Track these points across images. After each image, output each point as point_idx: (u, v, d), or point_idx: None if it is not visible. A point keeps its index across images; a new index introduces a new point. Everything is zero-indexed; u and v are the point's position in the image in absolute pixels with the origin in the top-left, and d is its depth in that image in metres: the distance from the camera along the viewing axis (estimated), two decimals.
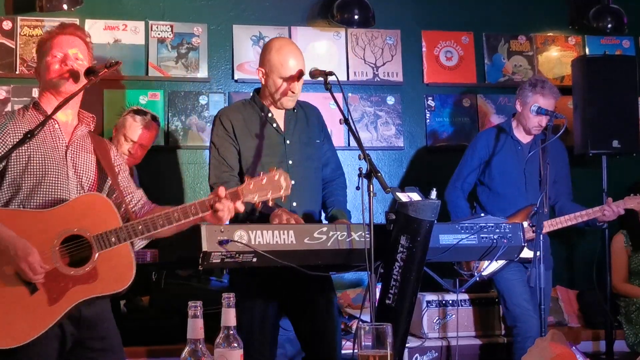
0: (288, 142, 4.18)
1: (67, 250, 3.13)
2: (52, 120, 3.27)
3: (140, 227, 3.13)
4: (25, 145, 3.16)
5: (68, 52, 3.33)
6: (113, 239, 3.11)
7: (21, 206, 3.19)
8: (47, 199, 3.20)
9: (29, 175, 3.20)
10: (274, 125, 4.18)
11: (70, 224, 3.11)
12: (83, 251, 3.13)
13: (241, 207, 3.21)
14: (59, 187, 3.22)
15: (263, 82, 4.20)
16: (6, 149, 3.16)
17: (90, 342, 3.25)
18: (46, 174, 3.21)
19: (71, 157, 3.29)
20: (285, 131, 4.20)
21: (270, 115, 4.19)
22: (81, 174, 3.30)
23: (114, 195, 3.37)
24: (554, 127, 4.96)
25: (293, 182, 4.08)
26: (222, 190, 3.18)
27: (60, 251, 3.11)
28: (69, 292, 3.09)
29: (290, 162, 4.15)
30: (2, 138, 3.22)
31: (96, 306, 3.22)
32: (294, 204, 4.11)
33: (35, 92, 5.25)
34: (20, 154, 3.20)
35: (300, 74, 4.10)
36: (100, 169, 3.37)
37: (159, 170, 5.50)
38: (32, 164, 3.20)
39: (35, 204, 3.19)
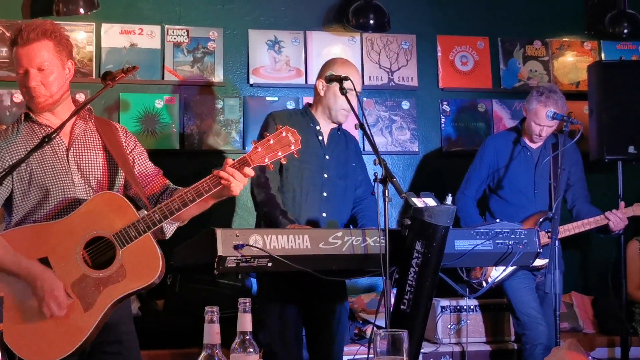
0: (327, 157, 4.32)
1: (91, 253, 3.12)
2: (46, 128, 3.23)
3: (157, 215, 3.08)
4: (25, 162, 3.12)
5: (29, 69, 3.17)
6: (133, 233, 3.07)
7: (32, 223, 3.19)
8: (56, 211, 3.18)
9: (34, 192, 3.19)
10: (320, 138, 4.34)
11: (89, 227, 3.10)
12: (107, 252, 3.12)
13: (250, 172, 3.10)
14: (67, 196, 3.20)
15: (322, 94, 4.33)
16: (4, 168, 3.11)
17: (108, 345, 3.25)
18: (51, 186, 3.18)
19: (74, 159, 3.25)
20: (327, 146, 4.34)
21: (318, 128, 4.35)
22: (88, 175, 3.26)
23: (131, 189, 3.34)
24: (569, 133, 4.95)
25: (325, 194, 4.21)
26: (229, 161, 3.11)
27: (84, 256, 3.11)
28: (102, 294, 3.08)
29: (325, 175, 4.29)
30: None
31: (117, 309, 3.20)
32: (324, 214, 4.26)
33: None
34: (22, 172, 3.18)
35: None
36: (110, 163, 3.32)
37: (173, 175, 5.49)
38: (34, 180, 3.18)
39: (45, 218, 3.18)
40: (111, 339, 3.26)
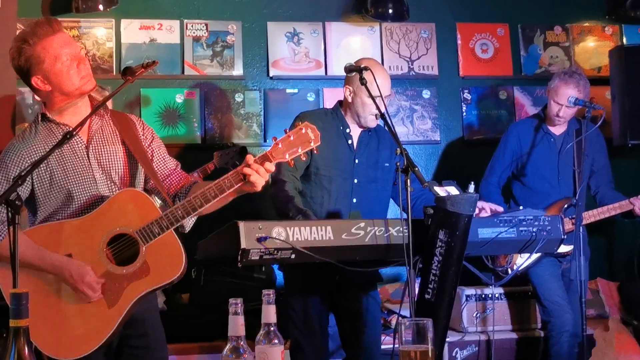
0: (357, 161, 4.26)
1: (115, 250, 3.14)
2: (64, 127, 3.22)
3: (179, 212, 3.09)
4: (44, 163, 3.12)
5: (78, 52, 3.21)
6: (156, 230, 3.09)
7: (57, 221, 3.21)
8: (81, 209, 3.20)
9: (55, 192, 3.19)
10: (349, 141, 4.27)
11: (112, 224, 3.11)
12: (130, 248, 3.13)
13: (271, 167, 3.10)
14: (89, 194, 3.20)
15: (349, 100, 4.26)
16: (24, 168, 3.10)
17: (135, 339, 3.26)
18: (72, 186, 3.19)
19: (94, 155, 3.24)
20: (356, 150, 4.28)
21: (348, 131, 4.29)
22: (109, 170, 3.26)
23: (150, 184, 3.35)
24: (592, 118, 4.91)
25: (355, 200, 4.17)
26: (250, 157, 3.11)
27: (108, 252, 3.12)
28: (126, 291, 3.10)
29: (355, 180, 4.24)
30: (18, 160, 3.19)
31: (143, 303, 3.21)
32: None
33: None
34: (42, 172, 3.18)
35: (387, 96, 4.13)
36: (130, 156, 3.31)
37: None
38: (55, 180, 3.19)
39: (70, 217, 3.19)
40: (138, 333, 3.27)
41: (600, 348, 1.66)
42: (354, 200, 4.21)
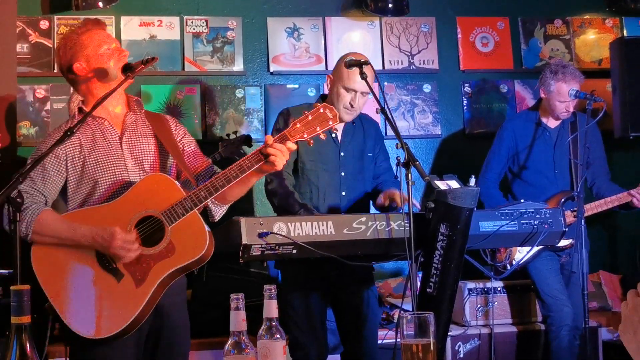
0: (342, 154, 4.27)
1: (142, 232, 3.25)
2: (99, 120, 3.38)
3: (202, 193, 3.21)
4: (78, 151, 3.31)
5: (120, 47, 3.45)
6: (180, 211, 3.20)
7: None
8: (111, 195, 3.30)
9: (87, 179, 3.32)
10: (333, 135, 4.26)
11: (139, 207, 3.24)
12: (157, 229, 3.24)
13: (293, 146, 3.23)
14: (120, 181, 3.32)
15: (329, 90, 4.28)
16: (65, 159, 3.32)
17: (164, 331, 3.36)
18: (103, 173, 3.32)
19: (127, 146, 3.39)
20: (341, 143, 4.28)
21: None
22: (141, 160, 3.39)
23: (182, 176, 3.45)
24: (592, 111, 4.90)
25: (344, 192, 4.17)
26: (269, 138, 3.22)
27: (136, 234, 3.23)
28: (152, 270, 3.21)
29: (342, 173, 4.25)
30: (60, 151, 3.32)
31: (173, 296, 3.32)
32: (342, 213, 4.18)
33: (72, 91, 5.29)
34: (75, 161, 3.32)
35: (364, 92, 4.13)
36: (162, 149, 3.44)
37: None
38: (87, 168, 3.32)
39: (101, 202, 3.30)
40: (168, 325, 3.37)
41: (631, 322, 1.53)
42: (343, 193, 4.22)
